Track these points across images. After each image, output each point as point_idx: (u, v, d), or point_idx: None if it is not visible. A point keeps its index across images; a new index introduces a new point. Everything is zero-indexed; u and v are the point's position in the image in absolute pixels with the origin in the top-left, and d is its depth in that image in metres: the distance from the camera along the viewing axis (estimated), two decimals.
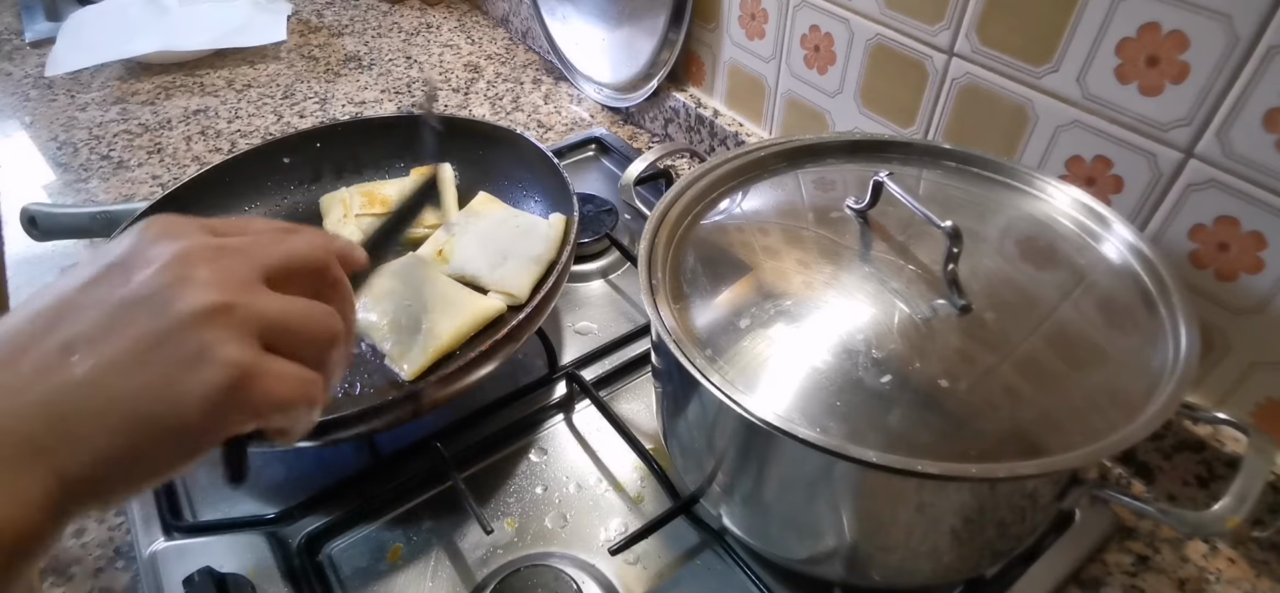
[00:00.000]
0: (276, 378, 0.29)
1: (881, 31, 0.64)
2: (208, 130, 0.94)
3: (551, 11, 1.01)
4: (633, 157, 0.74)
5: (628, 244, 0.73)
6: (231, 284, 0.28)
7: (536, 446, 0.58)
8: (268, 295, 0.30)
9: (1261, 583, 0.50)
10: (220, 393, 0.27)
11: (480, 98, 1.03)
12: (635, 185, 0.59)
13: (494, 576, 0.49)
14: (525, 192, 0.72)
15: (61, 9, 1.22)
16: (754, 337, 0.42)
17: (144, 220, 0.30)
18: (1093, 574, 0.50)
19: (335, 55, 1.13)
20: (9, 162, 0.89)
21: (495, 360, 0.52)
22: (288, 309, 0.30)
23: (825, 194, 0.53)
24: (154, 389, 0.26)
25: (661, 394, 0.51)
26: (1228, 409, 0.47)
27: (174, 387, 0.26)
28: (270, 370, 0.28)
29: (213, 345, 0.27)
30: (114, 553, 0.51)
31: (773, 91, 0.79)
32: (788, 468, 0.40)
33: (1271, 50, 0.43)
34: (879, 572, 0.44)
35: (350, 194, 0.71)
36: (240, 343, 0.28)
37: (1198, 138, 0.48)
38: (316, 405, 0.31)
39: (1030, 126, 0.57)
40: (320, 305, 0.32)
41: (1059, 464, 0.35)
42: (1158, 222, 0.52)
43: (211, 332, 0.27)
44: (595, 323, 0.69)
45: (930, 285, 0.43)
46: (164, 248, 0.28)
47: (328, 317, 0.32)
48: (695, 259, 0.48)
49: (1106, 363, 0.41)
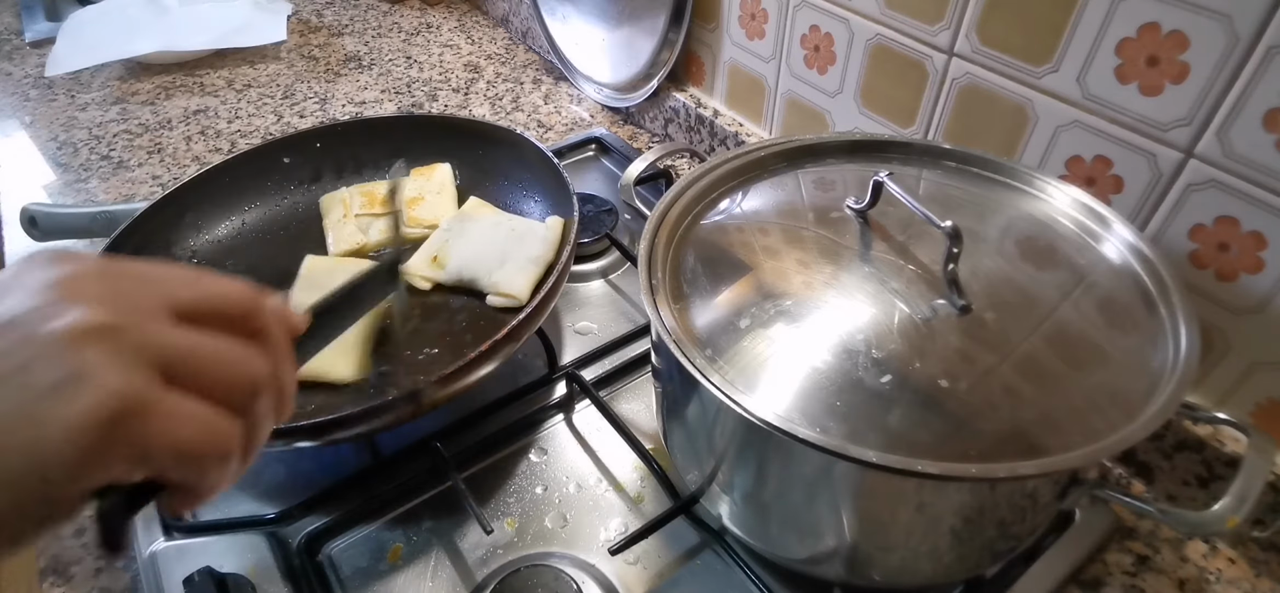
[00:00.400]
0: (174, 417, 0.24)
1: (881, 31, 0.64)
2: (208, 130, 0.94)
3: (551, 11, 1.01)
4: (633, 156, 0.74)
5: (628, 244, 0.73)
6: (123, 306, 0.24)
7: (536, 446, 0.58)
8: (171, 325, 0.25)
9: (1261, 583, 0.50)
10: (95, 424, 0.22)
11: (480, 98, 1.03)
12: (635, 185, 0.59)
13: (494, 576, 0.49)
14: (525, 192, 0.72)
15: (61, 9, 1.22)
16: (754, 337, 0.42)
17: (33, 253, 0.26)
18: (1093, 574, 0.50)
19: (335, 55, 1.13)
20: (9, 162, 0.89)
21: (495, 360, 0.52)
22: (196, 342, 0.25)
23: (825, 194, 0.53)
24: (8, 418, 0.21)
25: (661, 394, 0.51)
26: (1228, 409, 0.47)
27: (35, 414, 0.21)
28: (166, 406, 0.23)
29: (90, 368, 0.22)
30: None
31: (773, 91, 0.79)
32: (788, 468, 0.40)
33: (1271, 50, 0.43)
34: (879, 572, 0.44)
35: (350, 194, 0.71)
36: (127, 369, 0.23)
37: (1198, 138, 0.48)
38: (230, 459, 0.26)
39: (1030, 127, 0.57)
40: (240, 345, 0.27)
41: (1059, 464, 0.35)
42: (1158, 222, 0.52)
43: (91, 352, 0.22)
44: (595, 323, 0.69)
45: (930, 285, 0.43)
46: (49, 272, 0.24)
47: (248, 358, 0.27)
48: (695, 259, 0.48)
49: (1106, 363, 0.41)
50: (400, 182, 0.67)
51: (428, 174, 0.73)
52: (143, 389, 0.23)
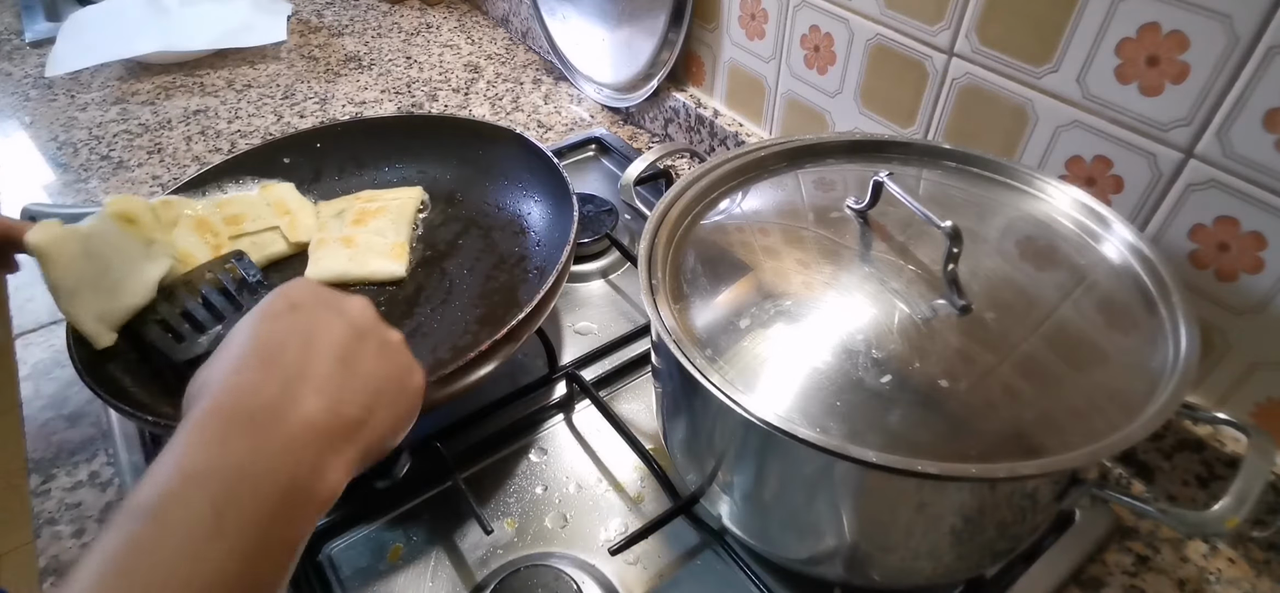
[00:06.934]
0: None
1: (881, 31, 0.64)
2: (208, 130, 0.94)
3: (551, 11, 1.01)
4: (633, 156, 0.74)
5: (628, 244, 0.73)
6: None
7: (536, 445, 0.58)
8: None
9: (1261, 583, 0.50)
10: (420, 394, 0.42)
11: (480, 98, 1.03)
12: (635, 185, 0.59)
13: (494, 576, 0.49)
14: (525, 192, 0.72)
15: (61, 9, 1.22)
16: (754, 337, 0.42)
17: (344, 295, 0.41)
18: (1093, 574, 0.50)
19: (335, 55, 1.13)
20: (9, 161, 0.89)
21: (495, 360, 0.52)
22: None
23: (825, 194, 0.53)
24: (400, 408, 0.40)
25: (661, 394, 0.51)
26: (1228, 409, 0.47)
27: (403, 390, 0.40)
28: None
29: (417, 371, 0.42)
30: None
31: (773, 91, 0.79)
32: (788, 468, 0.40)
33: (1271, 50, 0.43)
34: (879, 572, 0.44)
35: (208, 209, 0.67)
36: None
37: (1198, 138, 0.48)
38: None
39: (1030, 126, 0.57)
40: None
41: (1059, 464, 0.35)
42: (1158, 222, 0.52)
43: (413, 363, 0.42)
44: (595, 323, 0.69)
45: (930, 285, 0.43)
46: (368, 311, 0.41)
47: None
48: (695, 259, 0.48)
49: (1106, 363, 0.41)
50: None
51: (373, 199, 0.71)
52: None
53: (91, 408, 0.61)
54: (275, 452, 0.32)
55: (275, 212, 0.68)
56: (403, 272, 0.64)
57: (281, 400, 0.33)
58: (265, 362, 0.35)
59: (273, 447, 0.32)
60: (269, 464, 0.32)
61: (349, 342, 0.37)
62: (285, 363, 0.35)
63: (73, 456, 0.57)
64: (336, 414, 0.35)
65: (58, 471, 0.56)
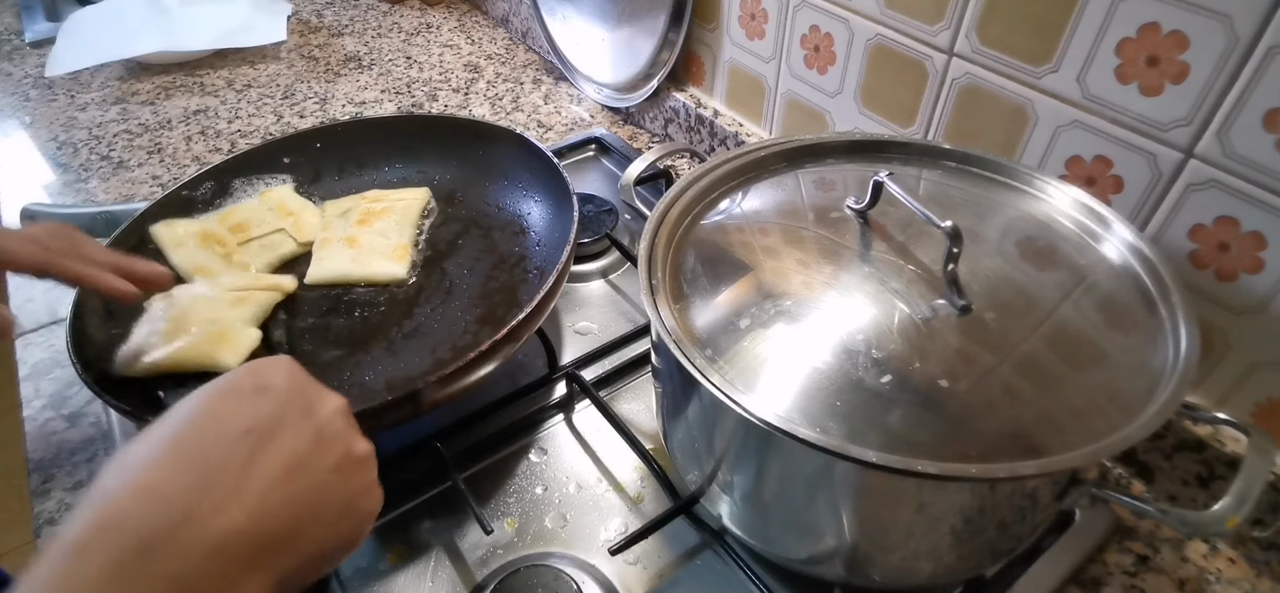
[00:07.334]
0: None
1: (881, 31, 0.64)
2: (208, 130, 0.94)
3: (551, 11, 1.01)
4: (633, 156, 0.74)
5: (628, 244, 0.73)
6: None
7: (536, 445, 0.58)
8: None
9: (1261, 583, 0.50)
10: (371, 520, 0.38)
11: (480, 98, 1.03)
12: (635, 185, 0.59)
13: (494, 576, 0.49)
14: (525, 192, 0.72)
15: (61, 9, 1.22)
16: (754, 337, 0.42)
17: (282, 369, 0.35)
18: (1093, 574, 0.50)
19: (335, 55, 1.13)
20: (9, 161, 0.89)
21: (495, 360, 0.52)
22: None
23: (825, 194, 0.53)
24: (343, 525, 0.35)
25: (661, 394, 0.51)
26: (1228, 409, 0.47)
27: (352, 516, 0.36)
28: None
29: (374, 488, 0.38)
30: None
31: (773, 91, 0.79)
32: (788, 468, 0.40)
33: (1271, 50, 0.43)
34: (879, 572, 0.44)
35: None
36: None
37: (1198, 138, 0.48)
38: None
39: (1030, 126, 0.57)
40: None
41: (1059, 464, 0.35)
42: (1158, 222, 0.52)
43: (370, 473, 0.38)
44: (595, 323, 0.69)
45: (930, 285, 0.43)
46: (329, 405, 0.36)
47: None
48: (695, 259, 0.48)
49: (1106, 363, 0.41)
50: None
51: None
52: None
53: (91, 408, 0.61)
54: (169, 575, 0.28)
55: (278, 214, 0.68)
56: (404, 273, 0.64)
57: (200, 506, 0.29)
58: (194, 458, 0.30)
59: (166, 570, 0.28)
60: (158, 587, 0.27)
61: (307, 450, 0.33)
62: (219, 463, 0.30)
63: (73, 456, 0.57)
64: (260, 527, 0.30)
65: (58, 471, 0.56)
